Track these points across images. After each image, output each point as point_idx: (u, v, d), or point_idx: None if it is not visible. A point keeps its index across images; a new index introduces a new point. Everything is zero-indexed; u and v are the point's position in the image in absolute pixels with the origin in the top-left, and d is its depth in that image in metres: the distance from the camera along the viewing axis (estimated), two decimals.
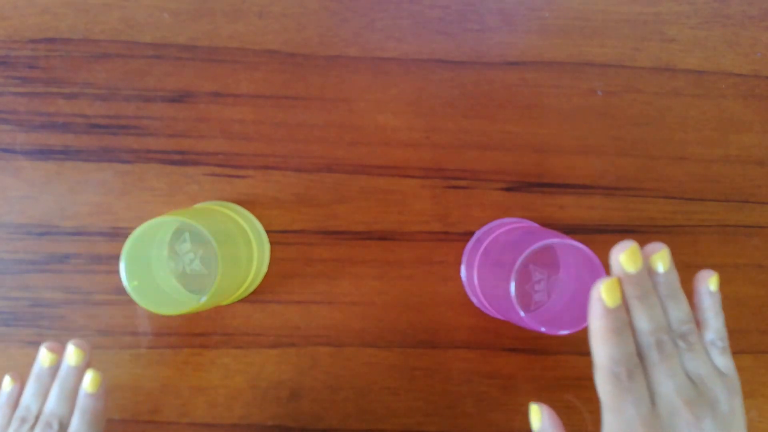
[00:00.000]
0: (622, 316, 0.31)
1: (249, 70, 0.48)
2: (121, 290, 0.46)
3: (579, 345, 0.48)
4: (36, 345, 0.46)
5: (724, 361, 0.32)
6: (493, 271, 0.43)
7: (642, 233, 0.49)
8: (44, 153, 0.47)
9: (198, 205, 0.47)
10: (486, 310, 0.46)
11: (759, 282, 0.50)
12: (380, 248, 0.48)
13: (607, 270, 0.37)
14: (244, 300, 0.47)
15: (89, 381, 0.38)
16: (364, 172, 0.48)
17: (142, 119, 0.47)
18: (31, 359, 0.46)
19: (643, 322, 0.31)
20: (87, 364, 0.39)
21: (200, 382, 0.47)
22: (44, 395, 0.38)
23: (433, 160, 0.48)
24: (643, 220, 0.49)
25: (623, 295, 0.31)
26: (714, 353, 0.32)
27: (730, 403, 0.31)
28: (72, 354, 0.39)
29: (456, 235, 0.48)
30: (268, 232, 0.47)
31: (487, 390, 0.48)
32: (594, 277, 0.38)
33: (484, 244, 0.45)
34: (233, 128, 0.48)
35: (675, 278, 0.32)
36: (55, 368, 0.39)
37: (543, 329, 0.37)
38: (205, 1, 0.48)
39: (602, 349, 0.30)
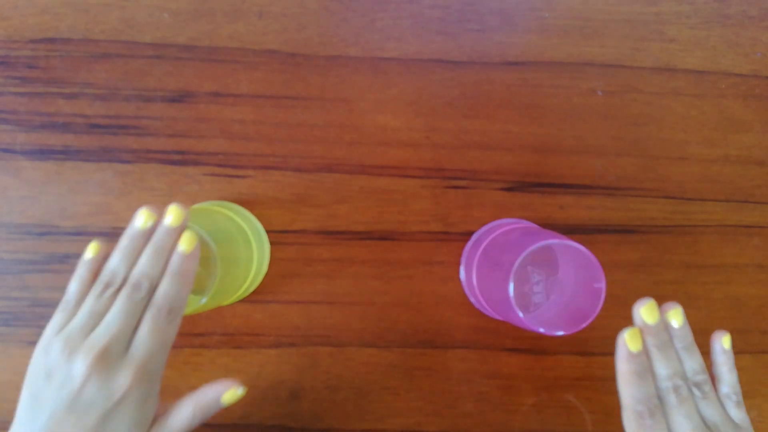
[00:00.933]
0: (644, 361, 0.35)
1: (249, 70, 0.48)
2: None
3: (579, 345, 0.48)
4: (35, 345, 0.46)
5: (738, 413, 0.36)
6: (491, 272, 0.43)
7: (642, 233, 0.49)
8: (44, 153, 0.47)
9: (197, 206, 0.47)
10: (485, 311, 0.46)
11: (759, 282, 0.50)
12: (380, 248, 0.48)
13: (605, 271, 0.37)
14: (244, 300, 0.47)
15: (185, 240, 0.35)
16: (364, 172, 0.48)
17: (142, 119, 0.47)
18: None
19: (662, 368, 0.35)
20: (183, 228, 0.36)
21: (200, 382, 0.47)
22: (133, 260, 0.35)
23: (433, 160, 0.48)
24: (643, 220, 0.49)
25: (644, 344, 0.35)
26: (729, 405, 0.36)
27: None
28: (172, 213, 0.36)
29: (456, 235, 0.48)
30: (268, 232, 0.47)
31: (487, 390, 0.48)
32: (592, 278, 0.38)
33: (483, 245, 0.45)
34: (233, 128, 0.48)
35: (688, 332, 0.36)
36: (149, 231, 0.36)
37: (542, 330, 0.37)
38: (205, 1, 0.48)
39: (627, 390, 0.34)
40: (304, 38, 0.48)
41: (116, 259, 0.35)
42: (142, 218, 0.36)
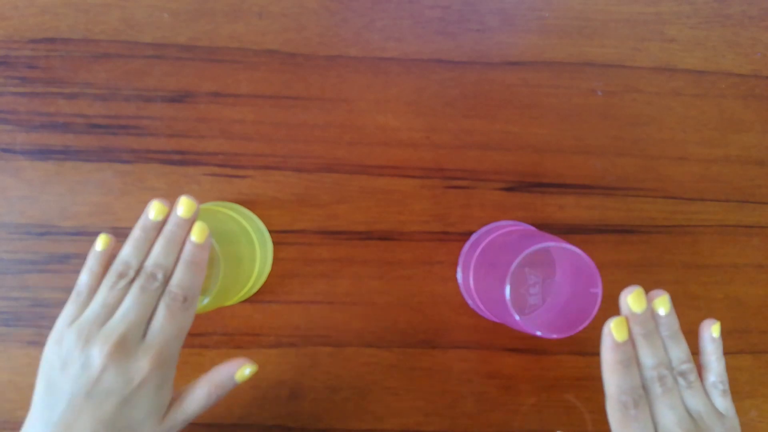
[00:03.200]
0: (630, 351, 0.35)
1: (249, 70, 0.48)
2: None
3: (579, 345, 0.48)
4: (36, 345, 0.46)
5: (724, 403, 0.35)
6: (488, 274, 0.43)
7: (642, 233, 0.49)
8: (44, 153, 0.47)
9: (200, 206, 0.47)
10: (482, 313, 0.46)
11: (759, 282, 0.50)
12: (380, 248, 0.48)
13: (605, 271, 0.37)
14: (245, 300, 0.47)
15: (197, 231, 0.36)
16: (364, 172, 0.48)
17: (142, 119, 0.47)
18: (32, 359, 0.46)
19: (647, 357, 0.35)
20: (195, 219, 0.37)
21: None
22: (146, 251, 0.36)
23: (433, 160, 0.48)
24: (643, 220, 0.49)
25: (630, 333, 0.35)
26: (714, 395, 0.36)
27: None
28: (183, 205, 0.36)
29: (455, 235, 0.48)
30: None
31: (487, 390, 0.48)
32: (589, 281, 0.38)
33: (480, 247, 0.45)
34: (233, 128, 0.48)
35: (675, 321, 0.36)
36: (160, 223, 0.37)
37: (538, 333, 0.37)
38: (205, 1, 0.48)
39: (612, 379, 0.34)
40: (304, 38, 0.48)
41: (128, 251, 0.36)
42: (154, 210, 0.37)
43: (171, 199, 0.47)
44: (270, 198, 0.48)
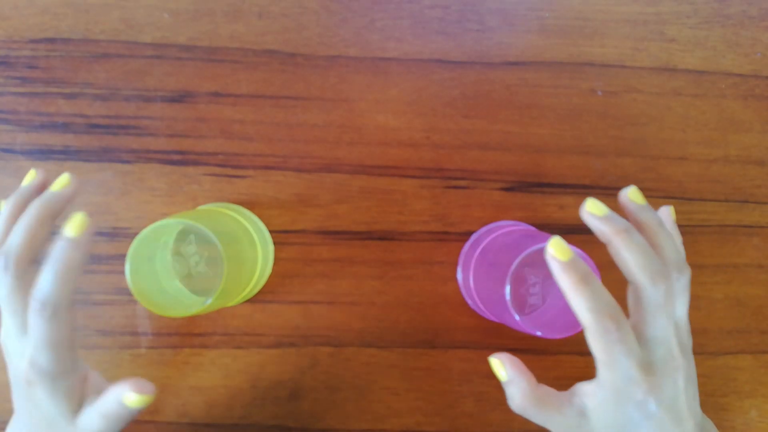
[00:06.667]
0: (582, 266, 0.31)
1: (249, 70, 0.48)
2: (121, 290, 0.47)
3: (579, 345, 0.48)
4: None
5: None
6: (488, 274, 0.43)
7: None
8: (44, 153, 0.47)
9: (201, 207, 0.47)
10: (482, 313, 0.46)
11: (759, 282, 0.50)
12: (380, 248, 0.48)
13: (605, 271, 0.37)
14: (245, 300, 0.47)
15: (75, 222, 0.31)
16: (364, 172, 0.48)
17: (142, 119, 0.47)
18: None
19: (635, 255, 0.31)
20: (72, 195, 0.33)
21: (200, 382, 0.47)
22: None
23: (433, 160, 0.48)
24: None
25: (608, 239, 0.32)
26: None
27: (690, 356, 0.33)
28: (60, 179, 0.33)
29: (456, 236, 0.48)
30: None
31: (487, 390, 0.48)
32: None
33: (480, 247, 0.45)
34: (233, 128, 0.48)
35: (655, 213, 0.33)
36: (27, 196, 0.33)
37: (538, 333, 0.37)
38: (205, 1, 0.48)
39: (578, 303, 0.30)
40: (304, 38, 0.48)
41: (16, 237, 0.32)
42: (28, 177, 0.34)
43: (171, 199, 0.47)
44: (270, 198, 0.48)
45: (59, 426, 0.32)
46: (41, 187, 0.35)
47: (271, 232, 0.47)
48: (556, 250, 0.31)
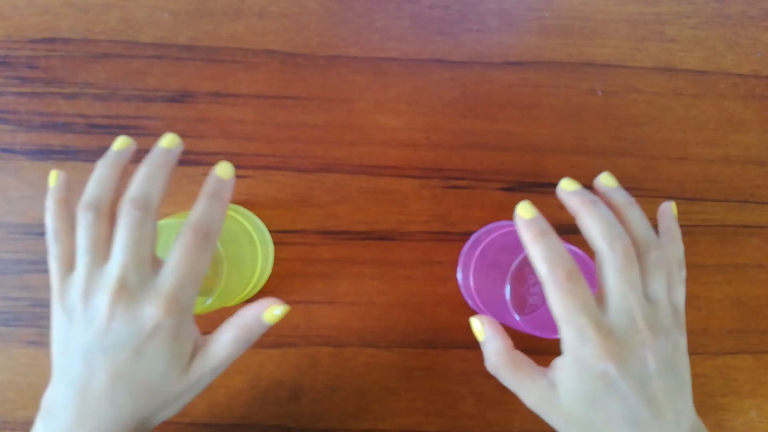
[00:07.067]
0: (542, 222, 0.32)
1: (249, 70, 0.48)
2: None
3: None
4: (36, 345, 0.46)
5: (679, 295, 0.32)
6: (488, 274, 0.43)
7: None
8: (44, 153, 0.47)
9: None
10: (482, 313, 0.46)
11: (759, 282, 0.50)
12: (380, 248, 0.48)
13: None
14: (246, 300, 0.47)
15: (223, 167, 0.33)
16: (364, 172, 0.48)
17: (142, 119, 0.47)
18: (32, 359, 0.46)
19: (597, 222, 0.31)
20: (179, 151, 0.34)
21: None
22: (115, 185, 0.33)
23: (433, 160, 0.48)
24: None
25: (575, 210, 0.32)
26: (673, 281, 0.32)
27: (679, 340, 0.31)
28: (166, 137, 0.33)
29: (456, 235, 0.48)
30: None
31: (487, 390, 0.48)
32: (589, 281, 0.38)
33: (480, 247, 0.45)
34: (233, 128, 0.48)
35: (626, 194, 0.33)
36: (125, 156, 0.34)
37: (538, 333, 0.37)
38: (205, 1, 0.48)
39: (534, 254, 0.31)
40: (304, 38, 0.48)
41: (93, 188, 0.32)
42: (117, 142, 0.34)
43: (171, 199, 0.47)
44: (270, 198, 0.48)
45: (169, 380, 0.30)
46: (130, 154, 0.35)
47: (271, 232, 0.47)
48: (521, 209, 0.32)
